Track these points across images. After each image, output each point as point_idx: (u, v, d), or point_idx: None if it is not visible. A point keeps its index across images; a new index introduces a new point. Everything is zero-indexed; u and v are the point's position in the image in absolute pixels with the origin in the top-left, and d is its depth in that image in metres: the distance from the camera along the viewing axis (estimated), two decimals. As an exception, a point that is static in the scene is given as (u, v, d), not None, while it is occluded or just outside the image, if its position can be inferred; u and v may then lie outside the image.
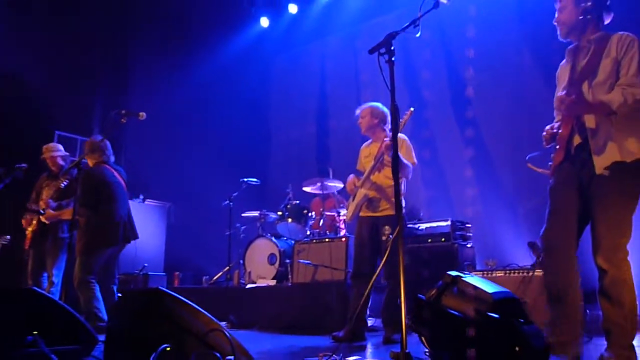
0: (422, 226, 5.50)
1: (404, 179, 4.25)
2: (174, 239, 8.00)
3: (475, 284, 1.65)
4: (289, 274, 5.89)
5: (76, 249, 4.87)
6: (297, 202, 6.47)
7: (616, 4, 2.88)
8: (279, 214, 6.44)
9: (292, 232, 6.39)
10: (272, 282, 6.02)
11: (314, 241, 5.69)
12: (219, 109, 8.44)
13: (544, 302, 4.15)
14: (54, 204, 5.17)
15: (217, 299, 5.94)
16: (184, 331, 2.21)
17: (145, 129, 7.04)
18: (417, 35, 2.61)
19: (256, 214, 6.86)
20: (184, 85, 8.19)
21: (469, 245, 5.41)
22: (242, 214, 7.02)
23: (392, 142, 2.49)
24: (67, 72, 7.27)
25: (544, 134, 2.93)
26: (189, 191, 7.92)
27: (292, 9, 8.66)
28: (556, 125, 2.88)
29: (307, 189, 6.43)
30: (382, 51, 2.50)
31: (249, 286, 5.93)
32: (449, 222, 5.31)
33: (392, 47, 2.48)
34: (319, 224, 6.11)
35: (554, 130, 2.88)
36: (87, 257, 4.80)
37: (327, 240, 5.58)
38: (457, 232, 5.29)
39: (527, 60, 6.23)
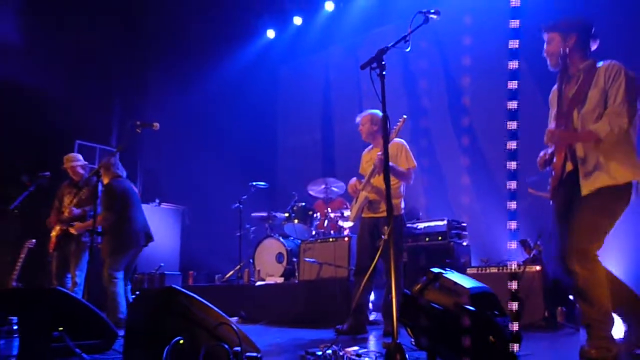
0: (420, 225, 5.58)
1: (404, 183, 4.32)
2: (188, 240, 8.08)
3: (455, 279, 1.75)
4: (296, 272, 5.96)
5: (103, 251, 5.18)
6: (303, 204, 6.51)
7: (602, 31, 2.96)
8: (286, 215, 6.49)
9: (299, 232, 6.45)
10: (280, 280, 6.08)
11: (319, 241, 5.76)
12: (229, 117, 8.50)
13: (534, 296, 4.26)
14: (77, 211, 5.33)
15: (228, 295, 6.03)
16: (196, 325, 2.31)
17: (160, 137, 7.14)
18: (407, 50, 2.70)
19: (265, 215, 6.92)
20: (195, 95, 8.26)
21: (464, 243, 5.48)
22: (252, 215, 7.08)
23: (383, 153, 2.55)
24: (87, 85, 7.40)
25: (538, 159, 3.03)
26: (202, 195, 7.98)
27: (297, 21, 8.76)
28: (549, 151, 2.97)
29: (312, 192, 6.51)
30: (374, 66, 2.56)
31: (259, 284, 6.01)
32: (446, 222, 5.40)
33: (383, 62, 2.55)
34: (324, 224, 6.19)
35: (547, 157, 2.98)
36: (114, 257, 5.08)
37: (331, 239, 5.65)
38: (453, 231, 5.37)
39: (523, 68, 6.23)
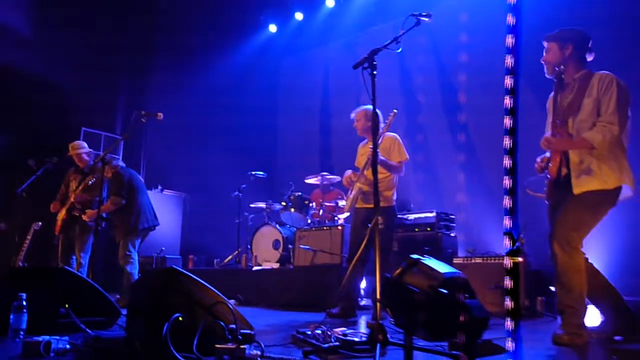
0: (411, 217, 5.66)
1: (396, 175, 4.40)
2: (189, 225, 8.16)
3: (431, 265, 1.86)
4: (291, 258, 6.05)
5: (118, 233, 5.39)
6: (300, 193, 6.59)
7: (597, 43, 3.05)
8: (283, 204, 6.57)
9: (295, 220, 6.55)
10: (276, 265, 6.18)
11: (314, 229, 5.84)
12: (230, 108, 8.53)
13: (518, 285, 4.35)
14: (83, 197, 5.45)
15: (227, 279, 6.10)
16: (194, 303, 2.39)
17: (163, 126, 7.15)
18: (399, 51, 2.77)
19: (263, 204, 7.02)
20: (198, 86, 8.31)
21: (452, 234, 5.57)
22: (250, 204, 7.17)
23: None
24: (93, 74, 7.44)
25: (536, 165, 3.16)
26: (203, 183, 8.05)
27: (298, 16, 8.81)
28: (545, 157, 3.11)
29: (309, 181, 6.58)
30: (366, 65, 2.63)
31: (255, 268, 6.09)
32: (435, 214, 5.47)
33: (375, 62, 2.61)
34: (319, 213, 6.27)
35: (543, 164, 3.11)
36: (129, 238, 5.30)
37: (325, 228, 5.72)
38: (441, 223, 5.45)
39: (517, 67, 6.25)
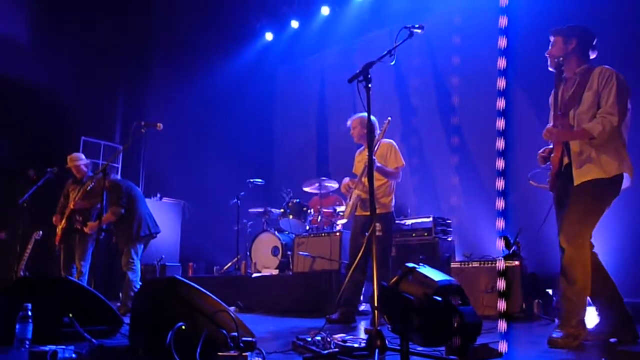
0: (408, 222, 5.71)
1: (393, 180, 4.44)
2: (188, 233, 8.19)
3: (426, 273, 1.91)
4: (290, 265, 6.07)
5: (120, 241, 5.45)
6: (298, 200, 6.63)
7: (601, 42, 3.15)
8: (282, 211, 6.60)
9: (293, 227, 6.56)
10: (275, 272, 6.19)
11: (312, 235, 5.87)
12: (228, 116, 8.59)
13: (513, 289, 4.43)
14: (82, 203, 5.50)
15: (226, 286, 6.12)
16: (196, 312, 2.44)
17: (161, 135, 7.18)
18: (392, 63, 2.83)
19: (261, 210, 7.04)
20: (196, 94, 8.35)
21: (449, 239, 5.63)
22: (249, 211, 7.19)
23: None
24: (92, 84, 7.51)
25: (538, 157, 3.27)
26: (202, 190, 8.08)
27: (294, 24, 8.86)
28: (547, 149, 3.22)
29: (306, 189, 6.62)
30: (360, 79, 2.69)
31: (255, 275, 6.12)
32: (432, 219, 5.53)
33: (369, 76, 2.67)
34: (317, 219, 6.30)
35: (545, 154, 3.22)
36: (130, 245, 5.35)
37: (324, 234, 5.75)
38: (438, 227, 5.51)
39: (510, 69, 6.31)
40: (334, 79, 8.51)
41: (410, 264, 1.97)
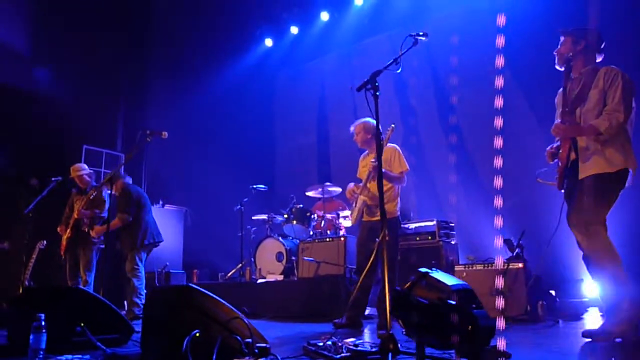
0: (412, 226, 5.74)
1: (399, 185, 4.46)
2: (191, 240, 8.21)
3: (439, 278, 1.96)
4: (295, 270, 6.10)
5: (125, 247, 5.53)
6: (301, 205, 6.65)
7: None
8: (285, 216, 6.64)
9: (297, 232, 6.60)
10: (280, 277, 6.21)
11: (317, 241, 5.90)
12: (229, 122, 8.63)
13: (517, 291, 4.48)
14: (86, 212, 5.56)
15: (231, 292, 6.10)
16: (210, 319, 2.47)
17: (163, 142, 7.27)
18: (398, 71, 2.89)
19: (265, 217, 7.07)
20: (196, 101, 8.40)
21: (452, 242, 5.66)
22: (252, 217, 7.23)
23: (377, 163, 2.72)
24: (93, 93, 7.55)
25: (546, 153, 3.37)
26: (204, 197, 8.11)
27: (294, 30, 8.93)
28: (555, 145, 3.31)
29: (309, 194, 6.67)
30: (369, 87, 2.74)
31: (260, 281, 6.13)
32: (435, 222, 5.56)
33: (377, 84, 2.72)
34: (321, 225, 6.33)
35: (553, 150, 3.31)
36: (136, 252, 5.43)
37: (328, 239, 5.79)
38: (442, 231, 5.53)
39: (507, 69, 6.36)
40: (334, 84, 8.58)
41: (423, 269, 2.02)
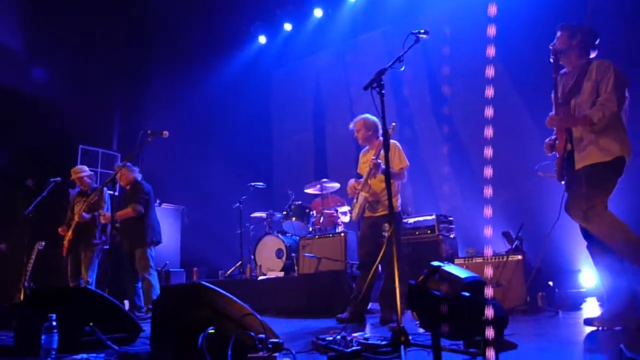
0: (411, 220, 5.80)
1: (398, 181, 4.49)
2: (188, 238, 8.20)
3: (451, 271, 2.02)
4: (295, 266, 6.13)
5: (134, 244, 5.54)
6: (300, 202, 6.67)
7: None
8: (284, 213, 6.65)
9: (297, 229, 6.63)
10: (281, 274, 6.25)
11: (317, 237, 5.92)
12: (226, 120, 8.64)
13: (517, 283, 4.56)
14: (87, 215, 5.56)
15: (232, 290, 5.93)
16: (223, 317, 2.52)
17: (159, 140, 7.28)
18: (402, 69, 2.94)
19: (263, 214, 7.09)
20: (192, 99, 8.40)
21: (452, 236, 5.73)
22: (251, 215, 7.24)
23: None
24: (89, 92, 7.53)
25: (545, 145, 3.45)
26: (202, 195, 8.12)
27: (287, 27, 8.93)
28: (553, 137, 3.41)
29: (308, 190, 6.68)
30: (375, 86, 2.79)
31: (260, 278, 6.16)
32: (434, 217, 5.62)
33: (382, 82, 2.78)
34: (320, 221, 6.37)
35: (551, 141, 3.41)
36: (146, 248, 5.48)
37: (329, 235, 5.81)
38: (441, 225, 5.59)
39: (498, 61, 6.42)
40: (329, 80, 8.63)
41: (435, 263, 2.08)
